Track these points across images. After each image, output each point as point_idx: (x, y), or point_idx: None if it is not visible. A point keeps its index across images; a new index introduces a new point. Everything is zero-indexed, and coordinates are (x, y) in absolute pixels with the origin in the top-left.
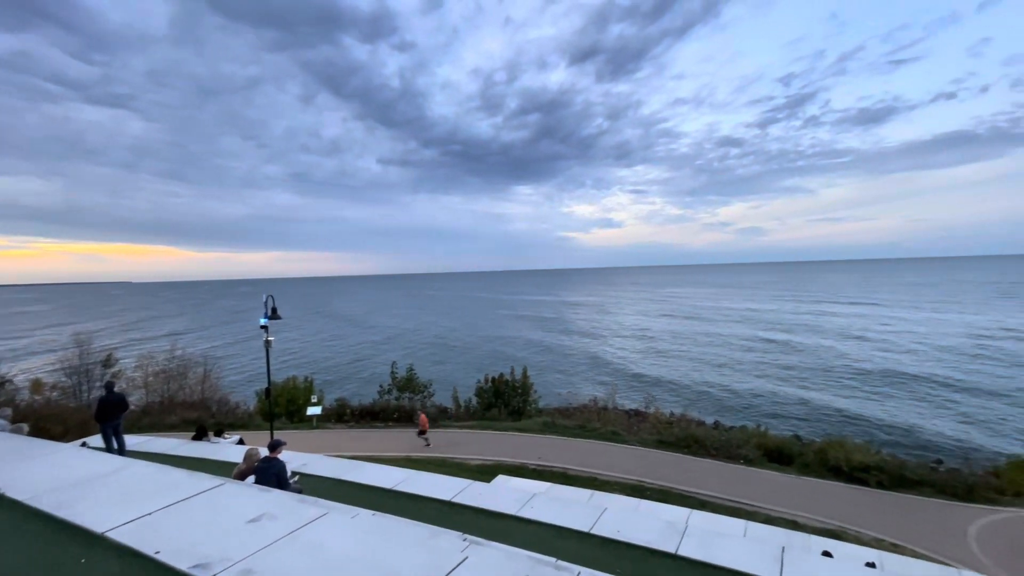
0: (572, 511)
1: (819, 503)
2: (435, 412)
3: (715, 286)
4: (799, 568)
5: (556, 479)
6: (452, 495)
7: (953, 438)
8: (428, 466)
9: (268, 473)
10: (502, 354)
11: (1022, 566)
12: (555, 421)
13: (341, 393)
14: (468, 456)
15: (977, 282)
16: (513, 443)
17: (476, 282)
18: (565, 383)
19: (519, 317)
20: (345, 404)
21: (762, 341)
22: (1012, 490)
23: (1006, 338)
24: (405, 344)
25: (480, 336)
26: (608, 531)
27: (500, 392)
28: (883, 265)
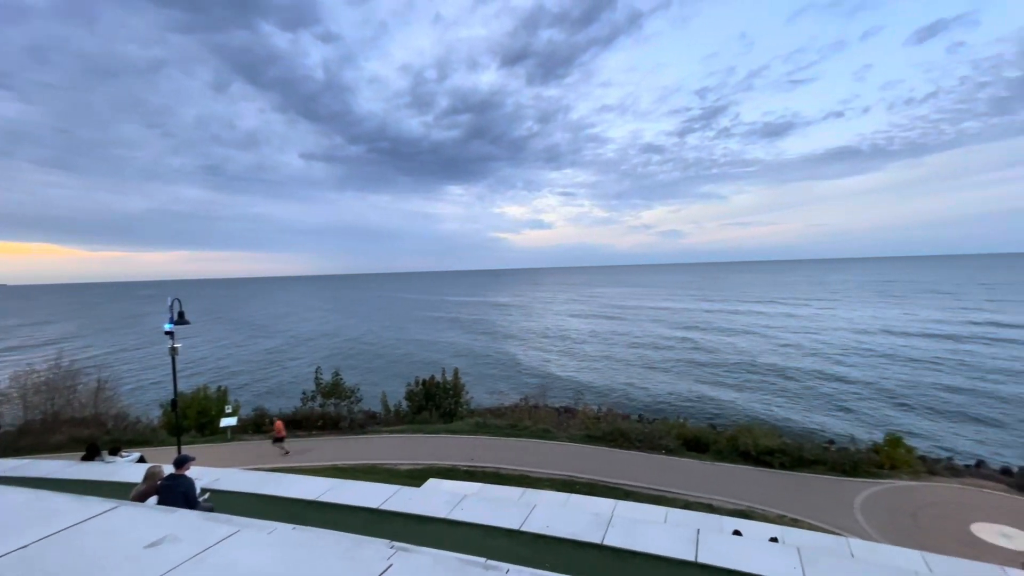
0: (503, 510)
1: (731, 486)
2: (363, 418)
3: (638, 286)
4: (712, 548)
5: (488, 479)
6: (380, 502)
7: (842, 420)
8: (356, 474)
9: (174, 492)
10: (433, 356)
11: (895, 529)
12: (487, 421)
13: (260, 403)
14: (399, 461)
15: (858, 282)
16: (445, 445)
17: (407, 283)
18: (497, 383)
19: (450, 319)
20: (264, 413)
21: (678, 338)
22: (889, 464)
23: (879, 332)
24: (330, 349)
25: (410, 339)
26: (538, 527)
27: (431, 394)
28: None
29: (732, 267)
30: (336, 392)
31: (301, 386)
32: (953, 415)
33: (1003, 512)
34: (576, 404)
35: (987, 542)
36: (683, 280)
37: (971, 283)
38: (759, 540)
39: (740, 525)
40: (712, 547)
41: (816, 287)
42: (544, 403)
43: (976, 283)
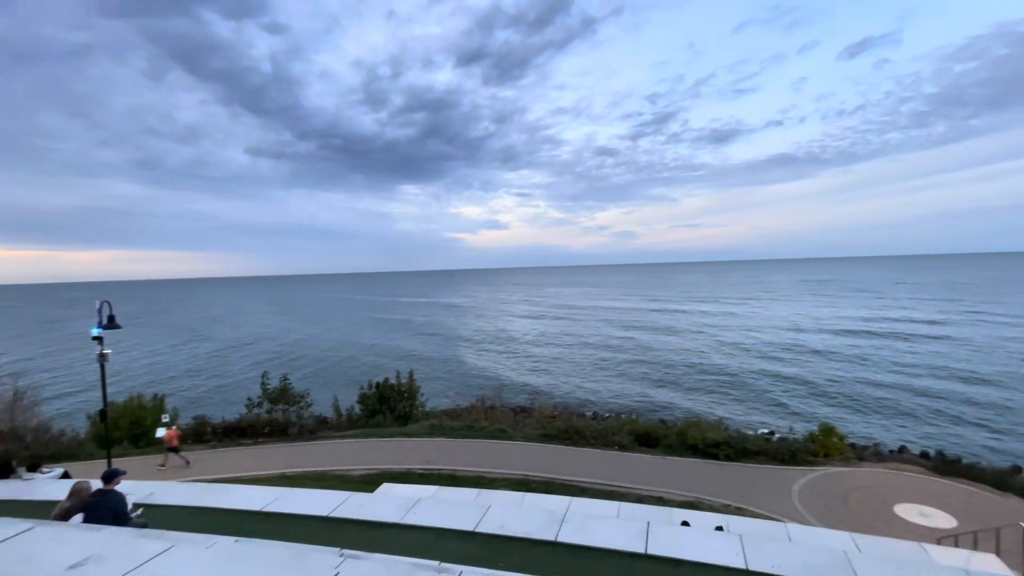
0: (457, 512)
1: (680, 479)
2: (313, 423)
3: (593, 286)
4: (661, 539)
5: (444, 482)
6: (330, 510)
7: (781, 412)
8: (305, 481)
9: (102, 509)
10: (388, 359)
11: (828, 512)
12: (443, 423)
13: (200, 410)
14: (351, 466)
15: (795, 281)
16: (399, 449)
17: (361, 284)
18: (453, 385)
19: (405, 320)
20: (205, 422)
21: (629, 337)
22: (823, 452)
23: (812, 329)
24: (277, 353)
25: (363, 341)
26: (492, 527)
27: (385, 397)
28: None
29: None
30: (284, 397)
31: (246, 392)
32: (878, 405)
33: (921, 493)
34: (532, 403)
35: (908, 521)
36: (635, 280)
37: (894, 283)
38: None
39: (688, 516)
40: (661, 538)
41: (757, 286)
42: (500, 403)
43: (898, 283)
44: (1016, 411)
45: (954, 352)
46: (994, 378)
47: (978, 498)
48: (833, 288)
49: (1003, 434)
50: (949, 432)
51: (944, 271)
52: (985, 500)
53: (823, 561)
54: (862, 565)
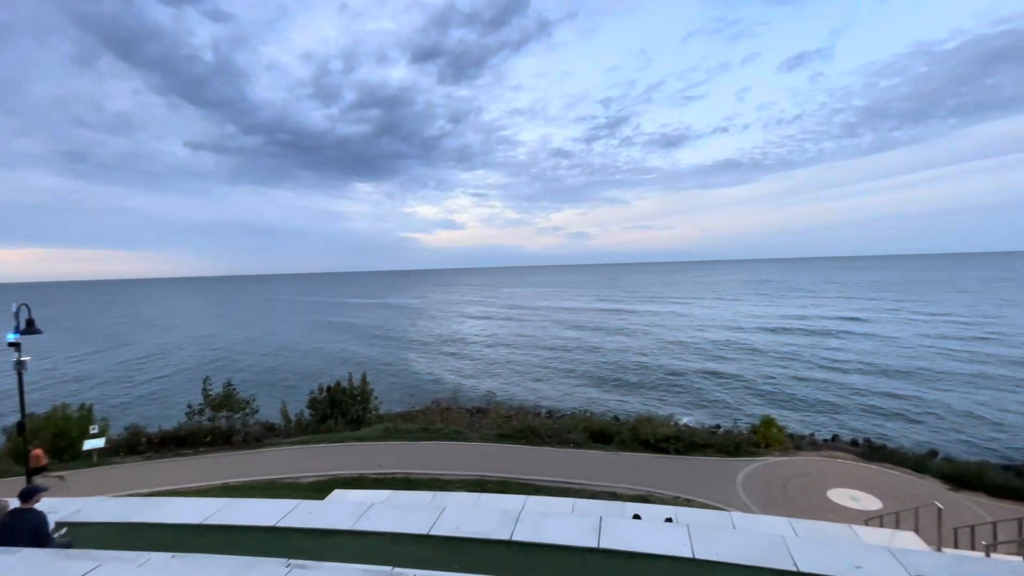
0: (411, 515)
1: (633, 473)
2: (260, 430)
3: (549, 286)
4: (613, 533)
5: (398, 485)
6: (277, 519)
7: (726, 406)
8: (251, 491)
9: (19, 529)
10: (340, 362)
11: (769, 500)
12: (397, 426)
13: (134, 420)
14: (301, 474)
15: (739, 281)
16: (352, 454)
17: (312, 284)
18: (408, 387)
19: (358, 322)
20: (140, 432)
21: (583, 336)
22: (764, 442)
23: (752, 328)
24: (219, 357)
25: (314, 344)
26: (447, 529)
27: (337, 401)
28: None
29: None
30: (228, 404)
31: (184, 399)
32: (812, 398)
33: (852, 478)
34: (488, 404)
35: (840, 505)
36: (589, 280)
37: (826, 282)
38: (656, 521)
39: (640, 509)
40: (613, 532)
41: (703, 287)
42: (456, 405)
43: (829, 282)
44: (930, 401)
45: (876, 348)
46: (911, 371)
47: (900, 481)
48: (772, 288)
49: (920, 422)
50: (875, 421)
51: (870, 272)
52: (906, 483)
53: (763, 546)
54: (797, 548)
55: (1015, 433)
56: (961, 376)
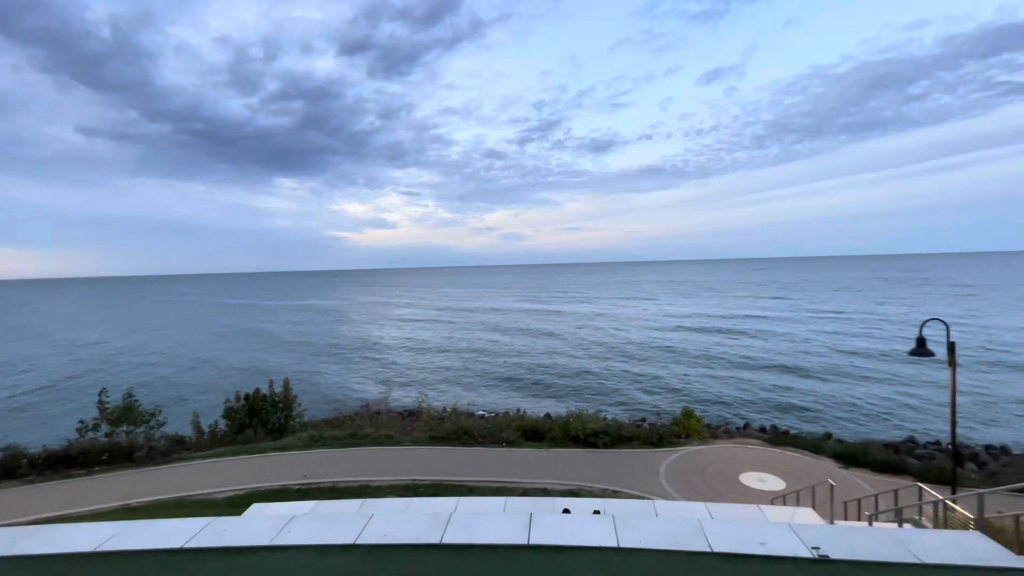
0: (337, 525)
1: (563, 469)
2: (167, 444)
3: (482, 287)
4: (543, 528)
5: (324, 495)
6: (185, 540)
7: (651, 399)
8: (156, 512)
9: None
10: (260, 368)
11: (688, 487)
12: (323, 433)
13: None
14: (214, 489)
15: (660, 281)
16: (273, 465)
17: (229, 285)
18: (335, 392)
19: (281, 324)
20: (20, 453)
21: (514, 334)
22: (685, 433)
23: (673, 326)
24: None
25: (231, 349)
26: (375, 537)
27: (256, 410)
28: (608, 267)
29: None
30: (129, 417)
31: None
32: (726, 389)
33: (761, 462)
34: (420, 407)
35: (750, 487)
36: (522, 281)
37: (737, 283)
38: (585, 514)
39: (569, 503)
40: (543, 527)
41: (629, 287)
42: (387, 408)
43: (740, 283)
44: (824, 390)
45: (777, 343)
46: (808, 363)
47: (801, 462)
48: (689, 288)
49: (816, 409)
50: (779, 409)
51: (775, 272)
52: (806, 463)
53: (681, 530)
54: (711, 530)
55: (892, 416)
56: (848, 366)
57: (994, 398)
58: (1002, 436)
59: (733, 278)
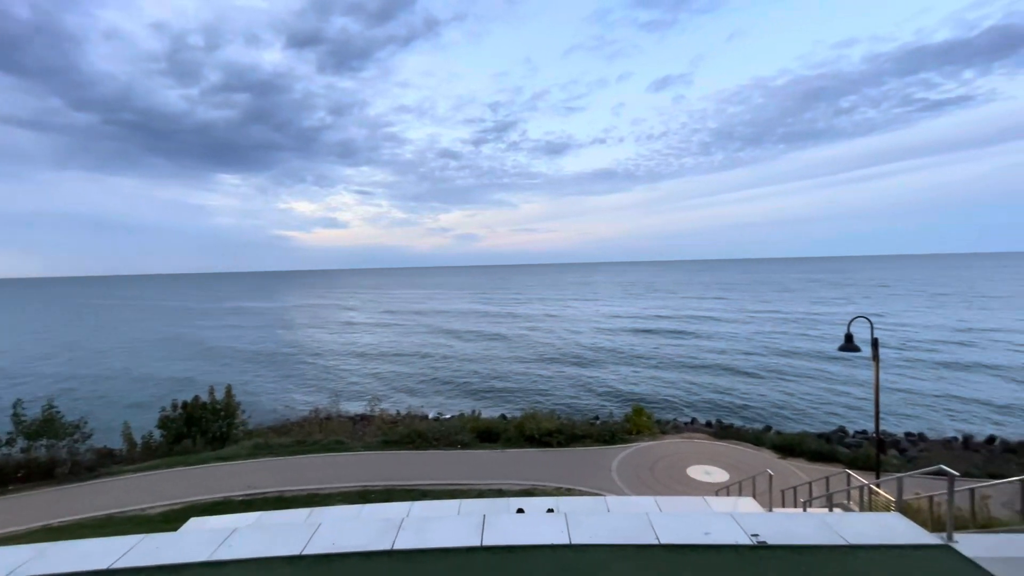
0: (282, 536)
1: (518, 469)
2: (94, 458)
3: (436, 287)
4: (496, 529)
5: (269, 506)
6: (113, 559)
7: (603, 398)
8: (81, 531)
9: None
10: (199, 375)
11: (639, 482)
12: (269, 441)
13: None
14: (148, 504)
15: (611, 282)
16: (214, 476)
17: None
18: (282, 398)
19: (222, 328)
20: None
21: (469, 335)
22: (636, 430)
23: (618, 329)
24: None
25: (167, 356)
26: (323, 547)
27: (195, 418)
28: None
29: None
30: (49, 430)
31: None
32: (675, 386)
33: (706, 455)
34: (372, 410)
35: (696, 480)
36: (477, 282)
37: (684, 284)
38: (538, 513)
39: (523, 503)
40: (497, 528)
41: (583, 287)
42: (337, 413)
43: (687, 283)
44: (764, 384)
45: (722, 341)
46: (750, 360)
47: (743, 454)
48: (639, 289)
49: (757, 403)
50: (724, 404)
51: (721, 273)
52: (748, 455)
53: (630, 524)
54: (659, 522)
55: (824, 408)
56: (785, 362)
57: (913, 389)
58: (920, 424)
59: (680, 279)
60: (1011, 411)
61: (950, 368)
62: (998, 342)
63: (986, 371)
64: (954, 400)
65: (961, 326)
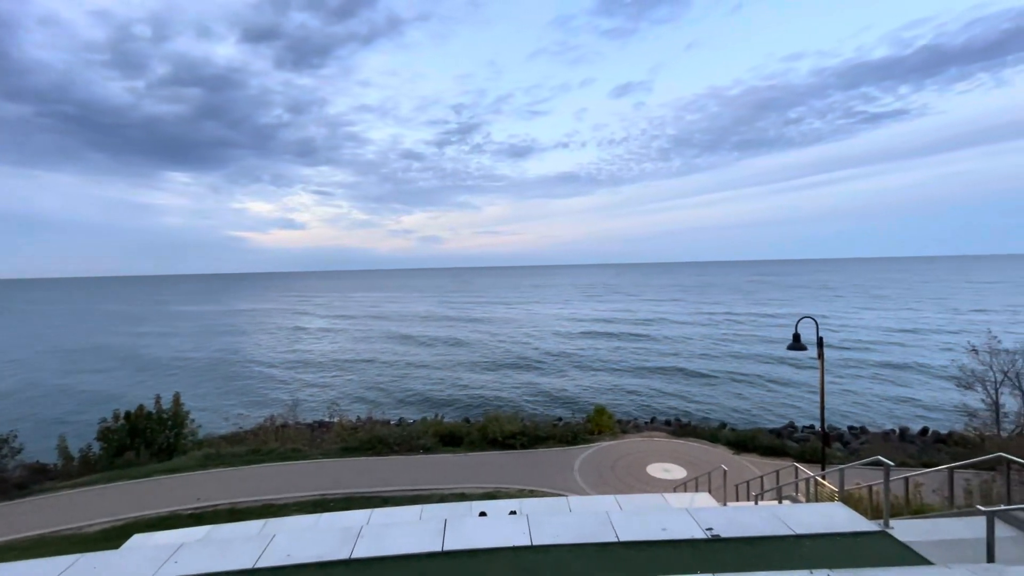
0: (234, 550)
1: (481, 472)
2: (24, 474)
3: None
4: (458, 533)
5: (220, 519)
6: None
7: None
8: (10, 553)
9: None
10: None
11: (601, 481)
12: (221, 451)
13: None
14: (86, 522)
15: (571, 285)
16: (160, 489)
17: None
18: (235, 406)
19: (168, 333)
20: None
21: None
22: (598, 430)
23: (582, 332)
24: None
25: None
26: (277, 559)
27: (139, 429)
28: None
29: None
30: None
31: None
32: (636, 386)
33: (666, 453)
34: (331, 417)
35: (655, 477)
36: (437, 284)
37: (642, 286)
38: (501, 515)
39: (486, 506)
40: (458, 533)
41: (545, 290)
42: (295, 420)
43: (644, 286)
44: (719, 382)
45: (677, 344)
46: (705, 359)
47: (700, 451)
48: (600, 290)
49: (713, 401)
50: (683, 402)
51: (678, 275)
52: (704, 452)
53: (591, 523)
54: (619, 520)
55: (775, 405)
56: (738, 361)
57: (855, 386)
58: (862, 419)
59: (639, 281)
60: (941, 405)
61: (888, 366)
62: (930, 341)
63: (920, 368)
64: (892, 395)
65: (897, 326)
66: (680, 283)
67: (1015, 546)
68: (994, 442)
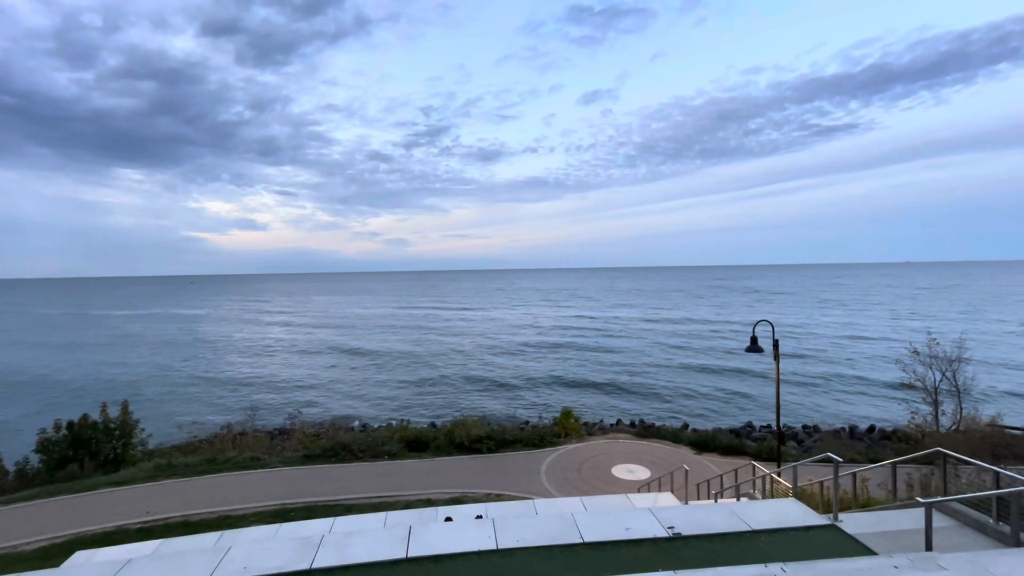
0: (186, 565)
1: (447, 477)
2: None
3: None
4: (423, 540)
5: (172, 532)
6: None
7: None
8: None
9: None
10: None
11: (567, 483)
12: (173, 461)
13: None
14: (22, 540)
15: (538, 288)
16: (106, 503)
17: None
18: (189, 414)
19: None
20: None
21: (395, 341)
22: (564, 432)
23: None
24: None
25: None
26: (233, 572)
27: (83, 440)
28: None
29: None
30: None
31: None
32: (600, 389)
33: (630, 454)
34: (292, 424)
35: (620, 478)
36: (403, 287)
37: (606, 290)
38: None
39: (452, 511)
40: (423, 539)
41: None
42: (253, 428)
43: (609, 290)
44: (681, 384)
45: (641, 345)
46: (667, 362)
47: (663, 451)
48: (564, 295)
49: (675, 402)
50: (646, 404)
51: (641, 280)
52: (667, 452)
53: (557, 525)
54: (584, 522)
55: (734, 405)
56: (699, 363)
57: (809, 386)
58: (815, 418)
59: (603, 285)
60: (887, 404)
61: (838, 366)
62: (876, 343)
63: (868, 368)
64: (842, 395)
65: (846, 331)
66: (643, 288)
67: (951, 535)
68: (933, 438)
